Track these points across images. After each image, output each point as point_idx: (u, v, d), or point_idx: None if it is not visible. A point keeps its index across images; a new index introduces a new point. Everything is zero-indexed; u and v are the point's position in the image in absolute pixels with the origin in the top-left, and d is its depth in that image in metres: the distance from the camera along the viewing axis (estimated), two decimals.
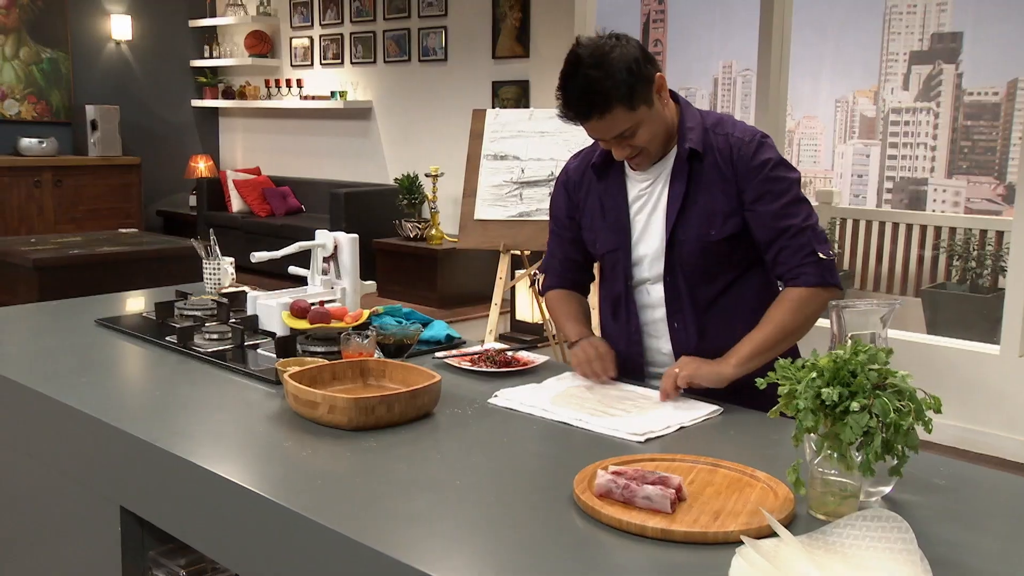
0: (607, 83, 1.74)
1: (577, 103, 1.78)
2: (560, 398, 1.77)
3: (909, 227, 7.16)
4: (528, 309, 5.41)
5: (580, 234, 2.05)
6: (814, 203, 7.39)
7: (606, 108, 1.76)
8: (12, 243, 5.05)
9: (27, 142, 7.15)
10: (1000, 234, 6.39)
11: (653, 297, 1.95)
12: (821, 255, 1.84)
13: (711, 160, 1.87)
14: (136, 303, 2.66)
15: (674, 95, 1.93)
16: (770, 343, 1.83)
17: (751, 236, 1.88)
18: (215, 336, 2.12)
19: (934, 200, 8.70)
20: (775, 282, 1.94)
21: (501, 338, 5.36)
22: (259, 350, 2.07)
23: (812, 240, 1.84)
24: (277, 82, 7.60)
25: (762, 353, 1.82)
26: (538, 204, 4.17)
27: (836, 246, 7.23)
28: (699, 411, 1.71)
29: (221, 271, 2.60)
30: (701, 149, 1.86)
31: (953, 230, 6.86)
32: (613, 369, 1.90)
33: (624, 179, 1.97)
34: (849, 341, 1.31)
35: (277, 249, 2.27)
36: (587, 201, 2.03)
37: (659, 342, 1.97)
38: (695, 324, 1.92)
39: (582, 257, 2.09)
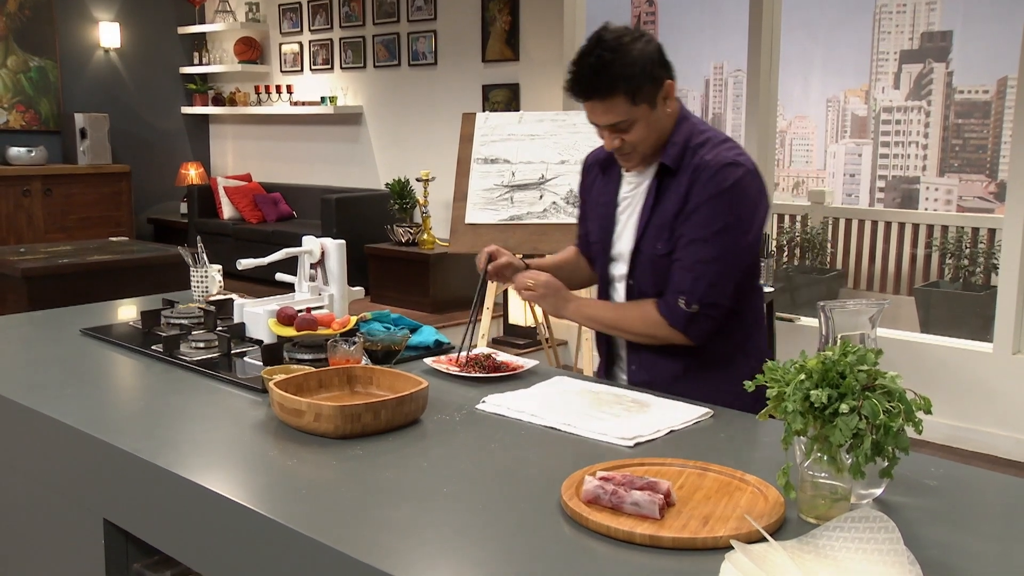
0: (617, 68, 1.80)
1: (585, 80, 1.83)
2: (548, 402, 1.75)
3: (901, 226, 7.17)
4: (521, 313, 5.40)
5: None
6: (805, 203, 7.36)
7: (609, 92, 1.82)
8: (1, 253, 5.02)
9: (16, 151, 7.12)
10: (992, 232, 6.40)
11: (620, 296, 2.06)
12: (682, 302, 1.86)
13: (680, 179, 1.91)
14: (125, 312, 2.64)
15: (680, 105, 1.97)
16: (604, 324, 2.02)
17: None
18: (201, 345, 2.10)
19: (926, 199, 8.71)
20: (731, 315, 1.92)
21: (494, 342, 5.34)
22: (246, 358, 2.05)
23: (688, 283, 1.86)
24: (267, 88, 7.58)
25: (594, 324, 2.04)
26: (529, 207, 4.16)
27: (829, 246, 7.23)
28: (689, 414, 1.69)
29: (208, 279, 2.58)
30: (674, 167, 1.91)
31: (945, 228, 6.87)
32: (488, 264, 2.06)
33: (620, 178, 2.06)
34: (838, 342, 1.30)
35: (267, 256, 2.25)
36: (591, 189, 2.15)
37: (620, 338, 2.08)
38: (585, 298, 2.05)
39: (587, 229, 2.18)
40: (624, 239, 2.01)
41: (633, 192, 2.01)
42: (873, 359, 1.24)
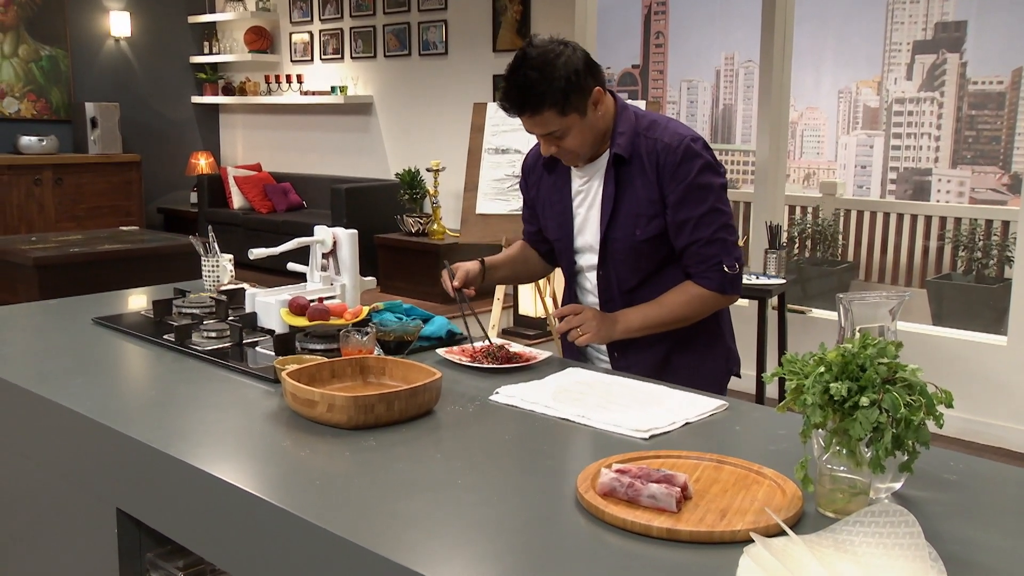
0: (543, 86, 1.86)
1: (513, 98, 1.90)
2: (562, 394, 1.74)
3: (914, 218, 7.13)
4: (531, 303, 5.39)
5: (535, 209, 2.22)
6: (816, 195, 7.37)
7: (537, 109, 1.88)
8: (12, 242, 5.03)
9: (27, 140, 7.13)
10: (1005, 224, 6.36)
11: (591, 284, 2.12)
12: (726, 268, 1.98)
13: (638, 165, 1.98)
14: (136, 301, 2.64)
15: (616, 98, 2.03)
16: (658, 324, 2.02)
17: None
18: (213, 334, 2.09)
19: (938, 190, 8.65)
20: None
21: (504, 333, 5.33)
22: (258, 348, 2.05)
23: (720, 252, 1.97)
24: (277, 78, 7.57)
25: (649, 329, 2.02)
26: None
27: (840, 238, 7.20)
28: (704, 406, 1.68)
29: (220, 268, 2.58)
30: (627, 155, 1.98)
31: (958, 220, 6.82)
32: (454, 285, 2.11)
33: (569, 173, 2.10)
34: (858, 334, 1.28)
35: (278, 246, 2.25)
36: (539, 188, 2.18)
37: None
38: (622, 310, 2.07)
39: (536, 226, 2.25)
40: (588, 231, 2.07)
41: (587, 185, 2.07)
42: (894, 352, 1.22)
